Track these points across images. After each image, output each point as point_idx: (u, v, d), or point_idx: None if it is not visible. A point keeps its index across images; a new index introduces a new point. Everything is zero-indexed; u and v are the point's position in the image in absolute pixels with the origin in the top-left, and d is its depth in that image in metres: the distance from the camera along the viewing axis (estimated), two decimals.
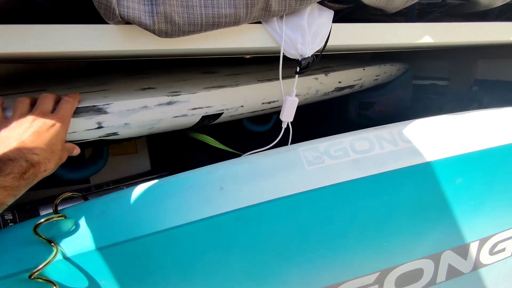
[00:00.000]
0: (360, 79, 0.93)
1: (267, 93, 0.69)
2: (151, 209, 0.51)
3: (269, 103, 0.71)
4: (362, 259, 0.64)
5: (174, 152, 0.92)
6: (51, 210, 0.49)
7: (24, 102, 0.46)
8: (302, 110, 1.54)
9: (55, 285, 0.47)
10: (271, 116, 1.03)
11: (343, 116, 1.41)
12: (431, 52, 1.45)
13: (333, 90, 0.87)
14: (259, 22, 0.44)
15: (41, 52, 0.41)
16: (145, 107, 0.53)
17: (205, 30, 0.39)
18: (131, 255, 0.50)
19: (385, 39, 0.51)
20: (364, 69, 0.95)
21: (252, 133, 1.03)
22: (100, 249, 0.48)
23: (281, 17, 0.43)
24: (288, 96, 0.49)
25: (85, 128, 0.48)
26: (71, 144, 0.50)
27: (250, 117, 1.08)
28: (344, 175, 0.56)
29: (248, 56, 1.00)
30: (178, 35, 0.39)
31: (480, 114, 0.67)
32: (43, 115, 0.45)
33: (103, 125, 0.50)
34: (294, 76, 0.50)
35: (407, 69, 1.36)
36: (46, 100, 0.46)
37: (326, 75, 0.82)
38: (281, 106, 0.71)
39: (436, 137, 0.62)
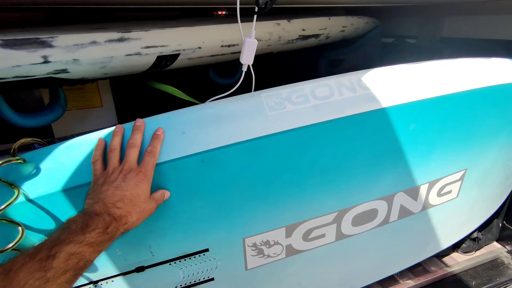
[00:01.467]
0: (325, 28, 0.93)
1: (227, 35, 0.68)
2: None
3: (229, 46, 0.70)
4: (321, 200, 0.69)
5: (140, 105, 0.91)
6: None
7: (115, 154, 0.49)
8: (273, 67, 1.53)
9: (20, 226, 0.48)
10: (237, 69, 1.02)
11: (313, 74, 1.43)
12: (400, 8, 1.45)
13: (297, 38, 0.87)
14: None
15: None
16: (94, 42, 0.51)
17: None
18: None
19: None
20: (329, 19, 0.95)
21: (220, 86, 1.02)
22: (64, 190, 0.49)
23: None
24: (247, 37, 0.49)
25: (29, 62, 0.47)
26: (159, 193, 0.52)
27: (216, 69, 1.07)
28: (304, 120, 0.58)
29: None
30: None
31: (433, 64, 0.71)
32: (130, 169, 0.48)
33: (49, 59, 0.48)
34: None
35: (376, 25, 1.37)
36: (132, 152, 0.49)
37: (289, 21, 0.81)
38: None
39: (393, 85, 0.65)
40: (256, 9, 0.46)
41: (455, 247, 1.14)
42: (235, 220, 0.63)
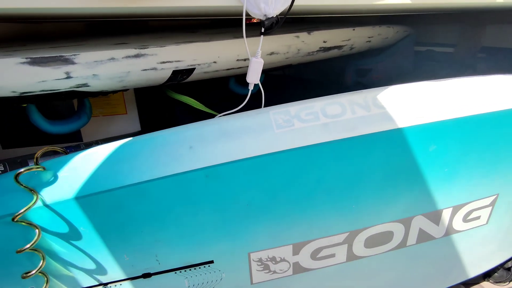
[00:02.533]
0: (349, 39, 0.91)
1: (243, 50, 0.69)
2: (124, 164, 0.54)
3: (245, 60, 0.71)
4: (331, 219, 0.67)
5: (163, 113, 0.94)
6: None
7: None
8: (298, 75, 1.52)
9: (37, 228, 0.52)
10: None
11: (339, 83, 1.39)
12: (438, 16, 1.37)
13: (318, 50, 0.85)
14: None
15: None
16: (112, 58, 0.54)
17: None
18: (105, 205, 0.54)
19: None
20: (353, 30, 0.92)
21: (239, 96, 1.03)
22: (77, 198, 0.53)
23: None
24: (253, 57, 0.49)
25: (53, 77, 0.51)
26: None
27: (236, 79, 1.08)
28: (312, 139, 0.57)
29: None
30: None
31: (458, 82, 0.66)
32: None
33: (71, 75, 0.52)
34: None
35: (408, 33, 1.31)
36: None
37: (309, 33, 0.80)
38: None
39: (411, 104, 0.62)
40: (263, 30, 0.46)
41: (486, 275, 1.05)
42: (240, 234, 0.63)
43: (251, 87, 0.53)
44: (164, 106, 0.91)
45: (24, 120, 0.70)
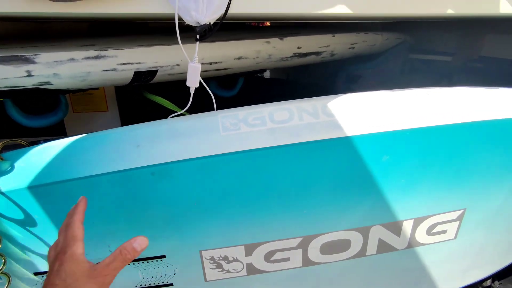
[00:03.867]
0: (327, 45, 0.91)
1: (206, 53, 0.71)
2: (76, 158, 0.58)
3: (211, 63, 0.73)
4: (282, 222, 0.68)
5: (141, 111, 0.98)
6: None
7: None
8: (289, 79, 1.52)
9: None
10: (236, 81, 1.04)
11: (331, 88, 1.39)
12: (435, 24, 1.34)
13: (293, 56, 0.86)
14: None
15: None
16: (72, 59, 0.58)
17: None
18: (57, 196, 0.58)
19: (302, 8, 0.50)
20: (333, 36, 0.92)
21: (220, 98, 1.05)
22: (30, 187, 0.57)
23: None
24: (190, 62, 0.51)
25: (15, 75, 0.55)
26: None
27: (218, 81, 1.11)
28: (256, 143, 0.58)
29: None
30: (70, 0, 0.43)
31: (418, 92, 0.65)
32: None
33: (32, 73, 0.56)
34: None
35: (403, 41, 1.28)
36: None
37: (281, 39, 0.81)
38: (229, 68, 0.74)
39: (364, 113, 0.62)
40: (198, 37, 0.48)
41: None
42: (190, 231, 0.66)
43: (191, 91, 0.55)
44: (143, 104, 0.95)
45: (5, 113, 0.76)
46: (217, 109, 0.65)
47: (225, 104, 0.74)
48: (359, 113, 0.62)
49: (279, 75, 1.73)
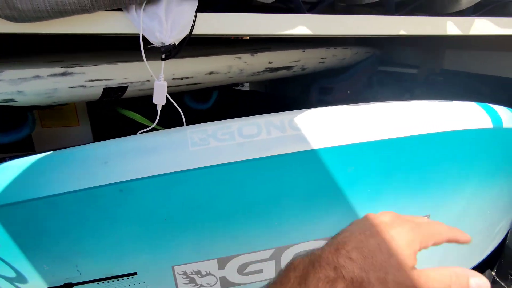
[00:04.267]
0: (298, 60, 0.94)
1: (177, 69, 0.72)
2: (39, 177, 0.57)
3: (182, 79, 0.74)
4: (254, 235, 0.69)
5: (116, 125, 0.97)
6: None
7: None
8: (267, 91, 1.54)
9: None
10: (211, 94, 1.06)
11: (305, 101, 1.42)
12: (402, 39, 1.41)
13: (264, 71, 0.88)
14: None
15: None
16: (37, 76, 0.57)
17: (54, 17, 0.43)
18: (21, 216, 0.56)
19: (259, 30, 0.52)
20: (304, 51, 0.96)
21: (195, 111, 1.06)
22: None
23: (140, 5, 0.46)
24: (156, 81, 0.52)
25: None
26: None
27: (191, 95, 1.12)
28: (225, 158, 0.60)
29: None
30: (29, 21, 0.43)
31: (379, 106, 0.69)
32: None
33: None
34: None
35: (372, 54, 1.34)
36: None
37: (252, 55, 0.83)
38: (200, 83, 0.75)
39: (328, 126, 0.65)
40: (163, 56, 0.49)
41: None
42: (161, 247, 0.65)
43: (158, 108, 0.56)
44: (116, 118, 0.95)
45: None
46: (193, 122, 0.65)
47: (201, 117, 0.75)
48: (324, 126, 0.65)
49: (258, 87, 1.75)
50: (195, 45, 0.91)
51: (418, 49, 1.41)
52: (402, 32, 0.57)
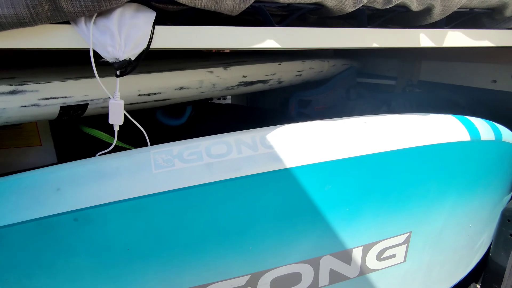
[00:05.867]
0: (274, 74, 0.92)
1: (143, 85, 0.67)
2: None
3: (149, 95, 0.70)
4: (227, 261, 0.64)
5: (80, 145, 0.91)
6: None
7: None
8: (247, 106, 1.50)
9: None
10: (184, 110, 1.02)
11: (284, 113, 1.40)
12: (380, 50, 1.42)
13: (239, 85, 0.85)
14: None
15: None
16: None
17: None
18: None
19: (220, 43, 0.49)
20: (279, 64, 0.93)
21: (168, 127, 1.02)
22: None
23: (90, 17, 0.42)
24: (111, 99, 0.47)
25: None
26: None
27: (163, 110, 1.07)
28: (193, 179, 0.55)
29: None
30: None
31: (356, 121, 0.66)
32: None
33: None
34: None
35: (349, 66, 1.34)
36: None
37: (225, 68, 0.80)
38: (170, 99, 0.70)
39: (303, 143, 0.61)
40: (118, 72, 0.45)
41: None
42: (123, 280, 0.59)
43: (116, 128, 0.51)
44: (81, 136, 0.89)
45: None
46: (167, 139, 0.61)
47: (176, 133, 0.70)
48: (298, 143, 0.61)
49: (240, 100, 1.73)
50: (163, 59, 0.87)
51: (396, 61, 1.42)
52: (375, 45, 0.55)
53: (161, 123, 1.00)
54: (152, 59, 0.86)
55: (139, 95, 0.70)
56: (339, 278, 0.74)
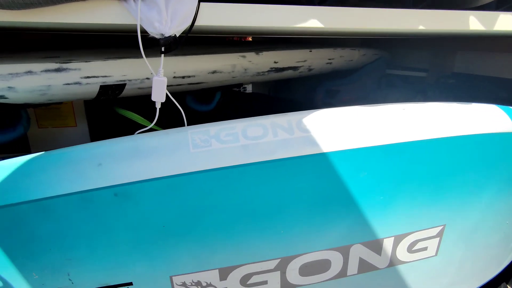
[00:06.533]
0: (304, 60, 0.90)
1: (178, 67, 0.68)
2: (30, 179, 0.53)
3: (183, 77, 0.70)
4: (258, 244, 0.64)
5: (115, 125, 0.94)
6: None
7: None
8: (270, 94, 1.50)
9: None
10: (213, 95, 1.02)
11: (310, 103, 1.38)
12: (411, 41, 1.37)
13: (270, 70, 0.85)
14: None
15: None
16: (30, 72, 0.54)
17: (45, 4, 0.39)
18: (8, 220, 0.52)
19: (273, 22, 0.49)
20: (310, 51, 0.92)
21: (196, 113, 1.02)
22: None
23: None
24: (155, 76, 0.48)
25: None
26: None
27: (193, 95, 1.08)
28: (229, 160, 0.55)
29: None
30: (17, 8, 0.39)
31: (394, 107, 0.64)
32: None
33: None
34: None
35: (380, 56, 1.30)
36: None
37: (257, 53, 0.80)
38: (203, 82, 0.71)
39: (340, 128, 0.60)
40: (163, 49, 0.45)
41: None
42: (159, 256, 0.61)
43: (157, 105, 0.52)
44: (115, 118, 0.91)
45: None
46: (194, 124, 0.62)
47: (203, 119, 0.71)
48: (335, 128, 0.60)
49: (261, 89, 1.72)
50: (197, 44, 0.87)
51: (427, 52, 1.37)
52: (421, 28, 0.53)
53: (191, 109, 1.01)
54: (186, 45, 0.87)
55: (174, 77, 0.70)
56: (368, 267, 0.73)
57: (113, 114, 0.89)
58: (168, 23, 0.43)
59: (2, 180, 0.53)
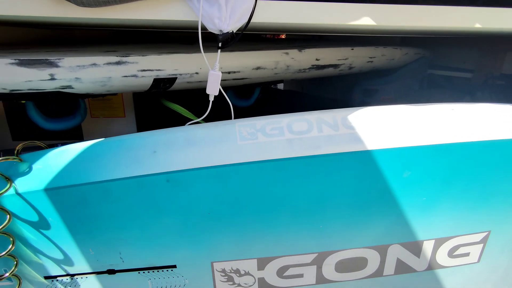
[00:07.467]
0: (346, 58, 0.90)
1: (225, 62, 0.71)
2: (91, 162, 0.58)
3: (229, 73, 0.73)
4: (297, 237, 0.66)
5: (158, 118, 0.99)
6: None
7: None
8: (303, 92, 1.51)
9: (8, 213, 0.56)
10: (253, 91, 1.04)
11: (346, 102, 1.37)
12: (456, 39, 1.32)
13: (311, 68, 0.85)
14: None
15: None
16: (94, 64, 0.59)
17: (121, 2, 0.43)
18: (72, 199, 0.58)
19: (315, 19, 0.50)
20: (352, 49, 0.91)
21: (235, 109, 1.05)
22: (47, 189, 0.57)
23: None
24: (211, 70, 0.51)
25: (39, 78, 0.56)
26: None
27: (234, 91, 1.10)
28: (274, 153, 0.57)
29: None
30: (96, 5, 0.43)
31: (442, 107, 0.63)
32: None
33: (55, 77, 0.57)
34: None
35: (421, 56, 1.26)
36: None
37: (300, 50, 0.81)
38: (247, 78, 0.74)
39: (386, 127, 0.60)
40: (220, 45, 0.48)
41: None
42: (202, 242, 0.64)
43: (211, 98, 0.54)
44: (160, 111, 0.96)
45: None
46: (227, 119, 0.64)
47: (240, 114, 0.74)
48: (380, 126, 0.60)
49: (293, 87, 1.73)
50: (242, 41, 0.90)
51: (472, 52, 1.31)
52: (477, 26, 0.52)
53: (231, 103, 1.04)
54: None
55: (221, 72, 0.73)
56: (406, 269, 0.73)
57: (159, 107, 0.93)
58: (227, 20, 0.45)
59: (67, 163, 0.58)
